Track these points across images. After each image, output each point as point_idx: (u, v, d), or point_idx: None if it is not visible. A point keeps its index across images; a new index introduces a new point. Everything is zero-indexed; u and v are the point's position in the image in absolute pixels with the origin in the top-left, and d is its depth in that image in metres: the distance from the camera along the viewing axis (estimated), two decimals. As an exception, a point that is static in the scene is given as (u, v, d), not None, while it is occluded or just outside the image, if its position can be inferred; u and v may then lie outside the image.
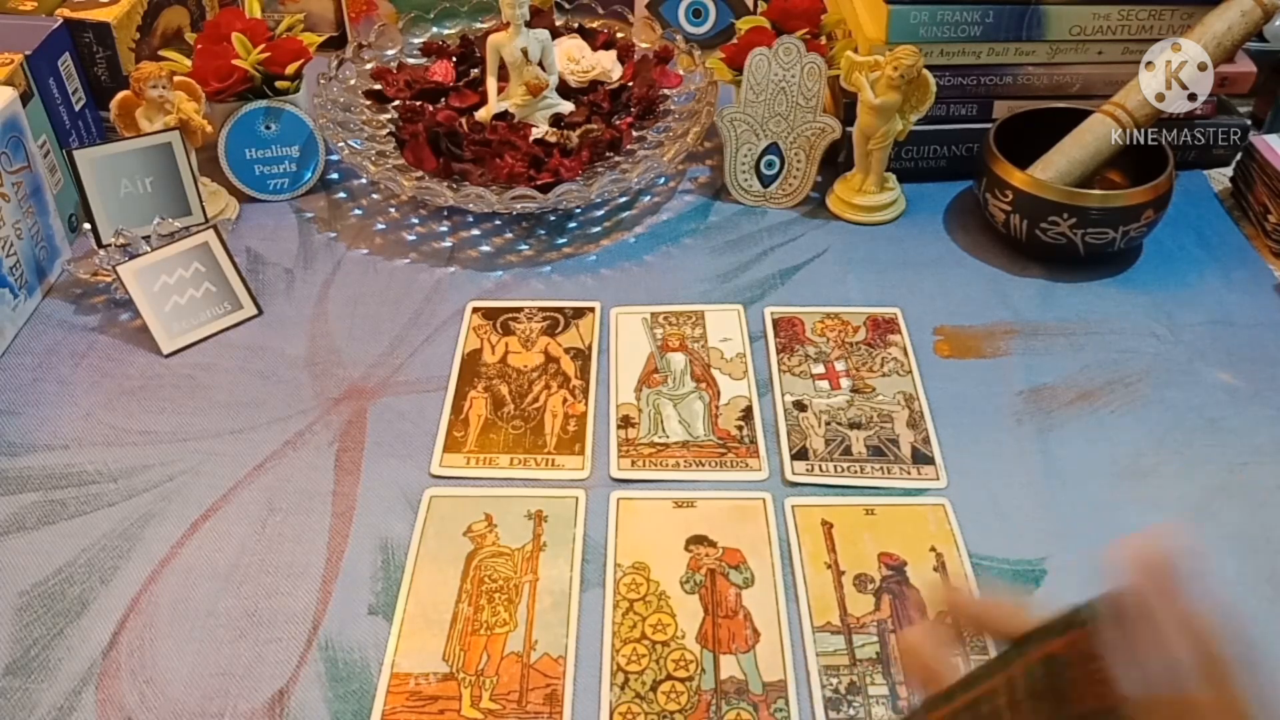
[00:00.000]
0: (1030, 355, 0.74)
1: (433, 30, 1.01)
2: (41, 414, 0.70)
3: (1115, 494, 0.64)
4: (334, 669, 0.56)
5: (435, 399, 0.71)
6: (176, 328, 0.76)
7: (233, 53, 0.85)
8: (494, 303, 0.79)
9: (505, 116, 0.89)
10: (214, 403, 0.71)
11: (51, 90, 0.83)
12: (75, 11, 0.88)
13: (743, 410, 0.70)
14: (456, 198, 0.81)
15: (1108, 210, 0.77)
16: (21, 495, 0.65)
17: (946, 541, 0.61)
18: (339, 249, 0.85)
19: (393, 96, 0.93)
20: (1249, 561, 0.60)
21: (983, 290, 0.80)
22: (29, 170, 0.77)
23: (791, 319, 0.77)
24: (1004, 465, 0.66)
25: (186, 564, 0.61)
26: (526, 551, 0.61)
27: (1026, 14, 0.84)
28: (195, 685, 0.55)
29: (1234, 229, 0.86)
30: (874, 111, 0.81)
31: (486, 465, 0.67)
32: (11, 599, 0.59)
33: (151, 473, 0.66)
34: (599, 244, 0.85)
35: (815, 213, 0.88)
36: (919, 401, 0.70)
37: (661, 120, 0.91)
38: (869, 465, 0.66)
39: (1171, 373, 0.72)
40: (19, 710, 0.54)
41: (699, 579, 0.60)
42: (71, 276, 0.80)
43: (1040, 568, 0.60)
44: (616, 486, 0.65)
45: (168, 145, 0.80)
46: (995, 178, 0.80)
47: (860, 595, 0.59)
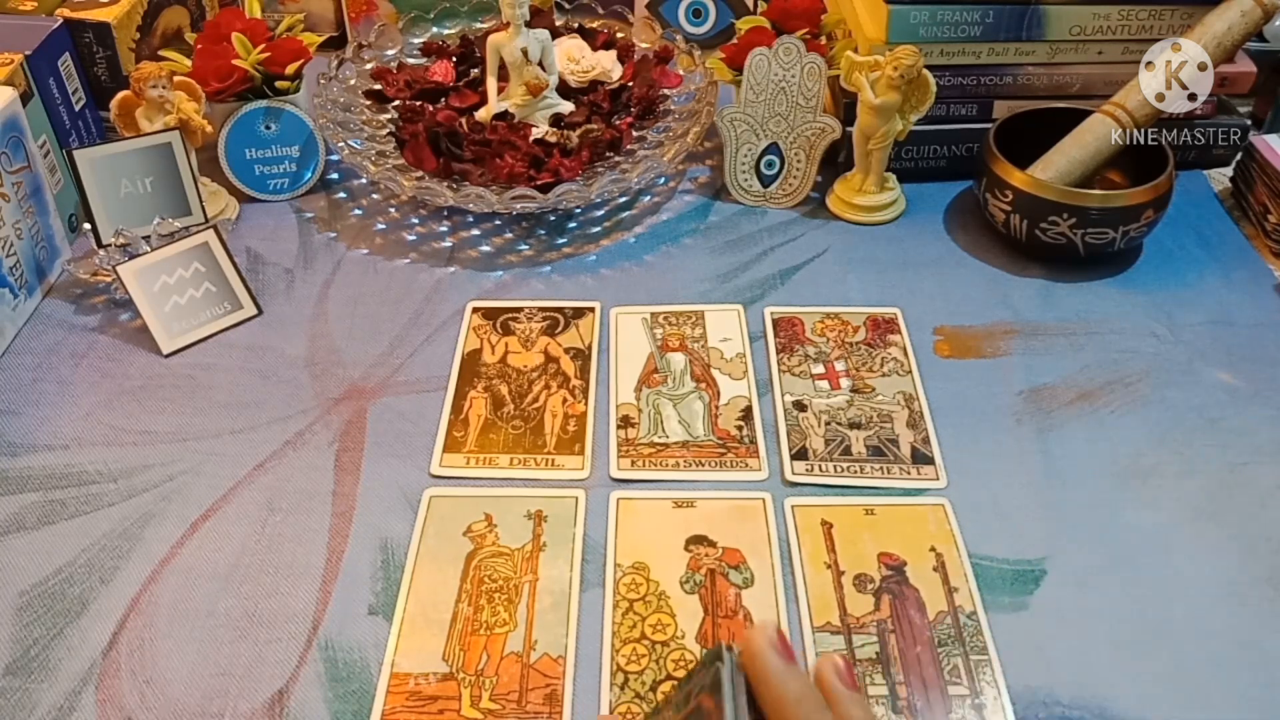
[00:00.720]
0: (1030, 355, 0.74)
1: (433, 30, 1.01)
2: (41, 414, 0.70)
3: (1115, 494, 0.64)
4: (334, 669, 0.56)
5: (435, 399, 0.71)
6: (176, 328, 0.76)
7: (233, 53, 0.85)
8: (494, 303, 0.79)
9: (505, 116, 0.89)
10: (214, 403, 0.71)
11: (51, 90, 0.83)
12: (75, 11, 0.88)
13: (742, 410, 0.70)
14: (456, 198, 0.81)
15: (1108, 210, 0.77)
16: (21, 495, 0.65)
17: (946, 541, 0.61)
18: (339, 249, 0.85)
19: (393, 96, 0.93)
20: (1249, 561, 0.60)
21: (983, 290, 0.80)
22: (29, 170, 0.77)
23: (791, 319, 0.77)
24: (1004, 465, 0.66)
25: (186, 564, 0.61)
26: (526, 551, 0.61)
27: (1026, 14, 0.84)
28: (195, 685, 0.55)
29: (1234, 229, 0.86)
30: (874, 111, 0.81)
31: (486, 465, 0.67)
32: (11, 599, 0.59)
33: (151, 473, 0.66)
34: (599, 244, 0.85)
35: (815, 213, 0.88)
36: (919, 401, 0.70)
37: (661, 120, 0.91)
38: (869, 465, 0.66)
39: (1171, 373, 0.72)
40: (19, 710, 0.54)
41: (699, 579, 0.60)
42: (71, 276, 0.80)
43: (1040, 568, 0.60)
44: (616, 486, 0.65)
45: (168, 145, 0.80)
46: (995, 178, 0.80)
47: (860, 595, 0.59)
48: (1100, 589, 0.59)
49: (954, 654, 0.56)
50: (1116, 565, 0.60)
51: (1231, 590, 0.59)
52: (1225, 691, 0.54)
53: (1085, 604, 0.58)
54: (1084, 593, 0.59)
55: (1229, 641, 0.56)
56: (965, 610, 0.58)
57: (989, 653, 0.56)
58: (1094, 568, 0.60)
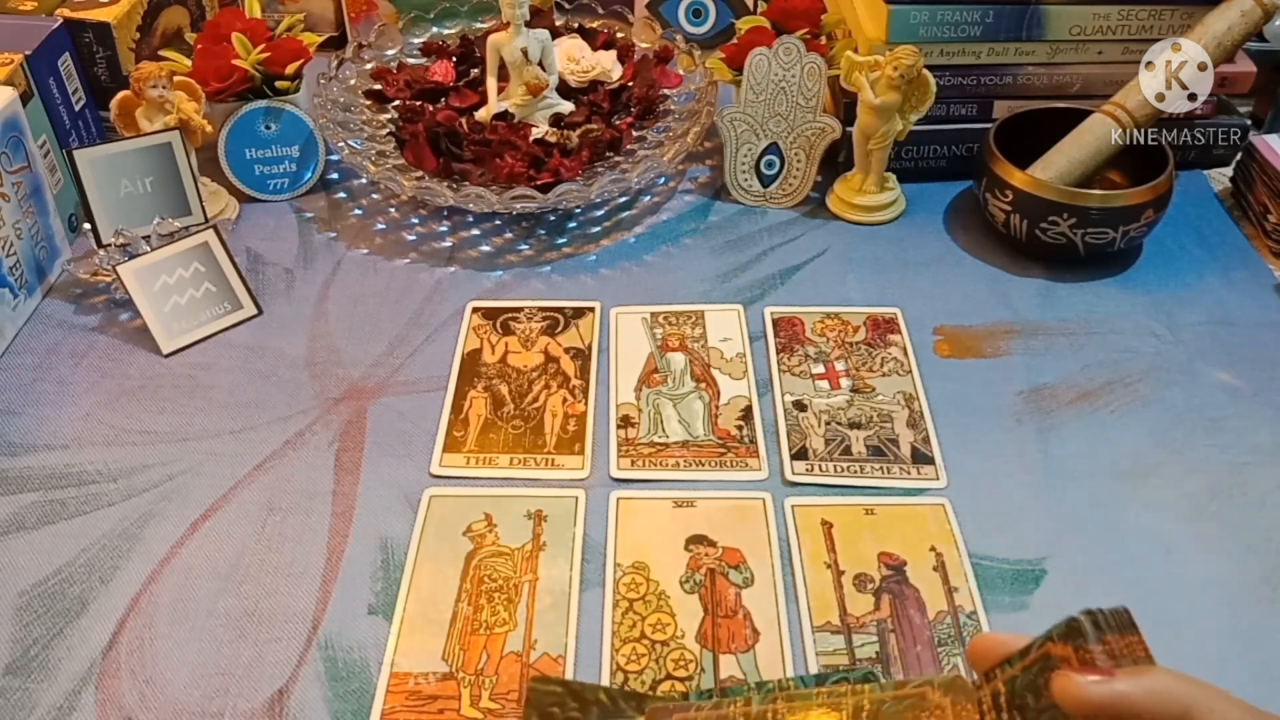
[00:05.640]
0: (1030, 355, 0.74)
1: (433, 30, 1.01)
2: (41, 414, 0.70)
3: (1115, 494, 0.64)
4: (333, 668, 0.56)
5: (435, 399, 0.71)
6: (176, 328, 0.76)
7: (233, 53, 0.85)
8: (494, 303, 0.79)
9: (505, 116, 0.89)
10: (214, 403, 0.71)
11: (51, 90, 0.83)
12: (75, 11, 0.88)
13: (742, 410, 0.70)
14: (456, 198, 0.81)
15: (1108, 210, 0.77)
16: (21, 495, 0.65)
17: (946, 541, 0.61)
18: (339, 249, 0.85)
19: (393, 96, 0.93)
20: (1249, 561, 0.60)
21: (983, 290, 0.80)
22: (29, 170, 0.77)
23: (791, 319, 0.77)
24: (1004, 465, 0.66)
25: (186, 564, 0.61)
26: (526, 551, 0.61)
27: (1026, 14, 0.84)
28: (195, 685, 0.55)
29: (1234, 229, 0.86)
30: (874, 111, 0.81)
31: (486, 465, 0.67)
32: (11, 599, 0.59)
33: (151, 473, 0.66)
34: (599, 244, 0.85)
35: (815, 213, 0.88)
36: (919, 401, 0.70)
37: (661, 120, 0.91)
38: (869, 465, 0.66)
39: (1171, 373, 0.72)
40: (19, 710, 0.54)
41: (698, 579, 0.60)
42: (71, 276, 0.80)
43: (1040, 567, 0.60)
44: (616, 486, 0.65)
45: (168, 145, 0.80)
46: (995, 178, 0.80)
47: (860, 595, 0.59)
48: (1100, 589, 0.59)
49: (954, 653, 0.56)
50: (1116, 565, 0.60)
51: (1231, 590, 0.59)
52: (1225, 691, 0.54)
53: (1085, 604, 0.57)
54: (1084, 593, 0.59)
55: (1229, 641, 0.56)
56: (965, 610, 0.58)
57: None
58: (1094, 568, 0.60)
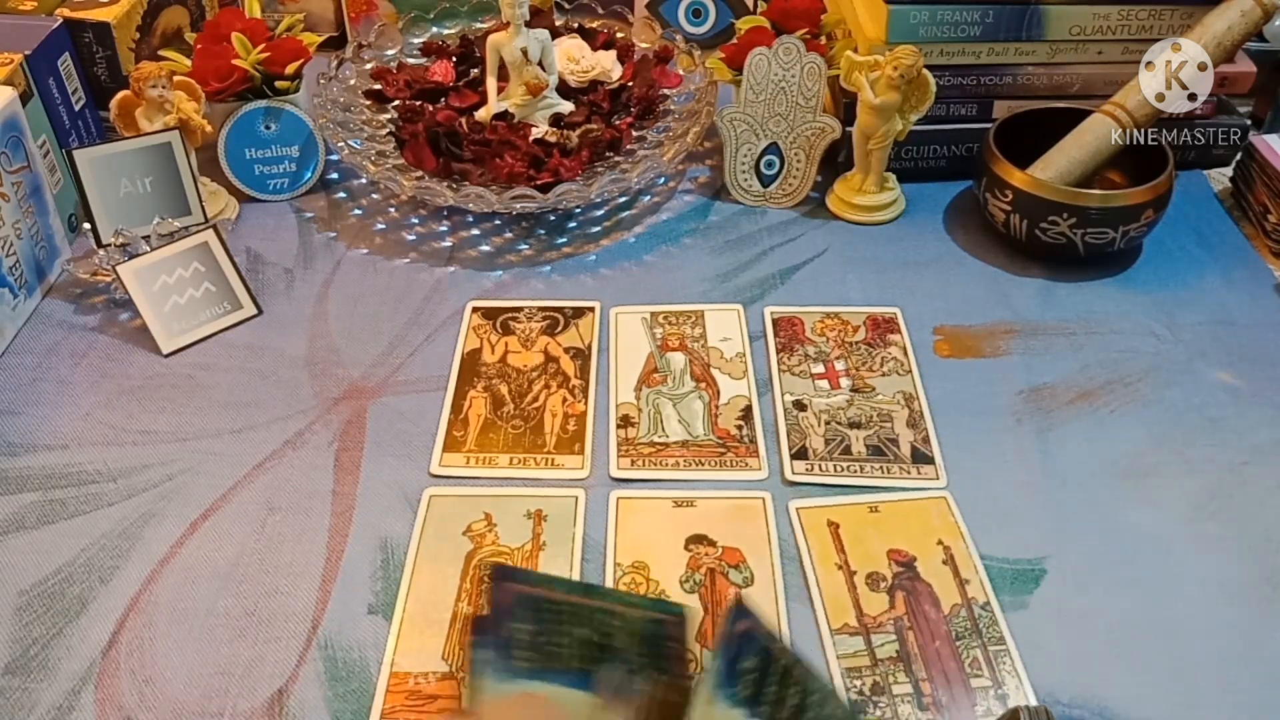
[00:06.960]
0: (1030, 355, 0.74)
1: (433, 30, 1.01)
2: (41, 414, 0.70)
3: (1115, 494, 0.64)
4: (333, 668, 0.56)
5: (435, 399, 0.71)
6: (176, 327, 0.76)
7: (233, 53, 0.85)
8: (494, 302, 0.79)
9: (505, 116, 0.89)
10: (214, 403, 0.71)
11: (51, 90, 0.83)
12: (75, 11, 0.88)
13: (742, 410, 0.70)
14: (456, 198, 0.81)
15: (1108, 210, 0.77)
16: (21, 495, 0.65)
17: (952, 534, 0.62)
18: (339, 249, 0.85)
19: (393, 96, 0.93)
20: (1249, 561, 0.60)
21: (983, 290, 0.80)
22: (29, 170, 0.77)
23: (791, 319, 0.77)
24: (1004, 465, 0.66)
25: (186, 564, 0.61)
26: (526, 551, 0.61)
27: (1026, 14, 0.84)
28: (195, 684, 0.55)
29: (1234, 229, 0.86)
30: (874, 111, 0.81)
31: (486, 465, 0.67)
32: (11, 599, 0.59)
33: (151, 472, 0.66)
34: (599, 244, 0.85)
35: (815, 213, 0.88)
36: (919, 401, 0.70)
37: (661, 120, 0.91)
38: (869, 465, 0.66)
39: (1171, 373, 0.72)
40: (18, 710, 0.54)
41: (698, 578, 0.60)
42: (71, 276, 0.80)
43: (1040, 567, 0.60)
44: (616, 486, 0.65)
45: (167, 145, 0.80)
46: (995, 177, 0.80)
47: (874, 594, 0.59)
48: (1100, 589, 0.59)
49: (973, 646, 0.56)
50: (1116, 565, 0.60)
51: (1231, 590, 0.59)
52: (1225, 691, 0.54)
53: (1085, 603, 0.58)
54: (1084, 592, 0.59)
55: (1229, 641, 0.56)
56: (979, 601, 0.58)
57: (1006, 643, 0.56)
58: (1094, 567, 0.60)
